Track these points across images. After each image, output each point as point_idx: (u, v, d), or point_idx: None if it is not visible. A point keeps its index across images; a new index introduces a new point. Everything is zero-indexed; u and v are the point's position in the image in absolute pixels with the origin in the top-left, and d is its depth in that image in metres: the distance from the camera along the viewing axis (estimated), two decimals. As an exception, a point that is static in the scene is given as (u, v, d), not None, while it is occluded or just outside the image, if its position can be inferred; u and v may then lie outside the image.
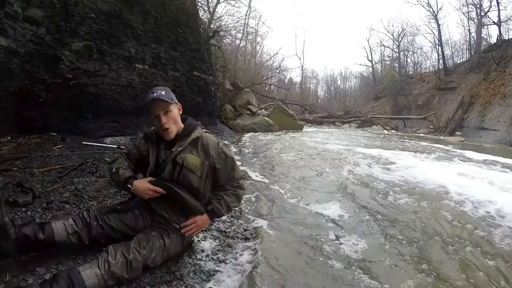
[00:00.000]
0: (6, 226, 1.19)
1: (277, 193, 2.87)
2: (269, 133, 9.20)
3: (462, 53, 19.90)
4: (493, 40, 15.35)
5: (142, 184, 1.45)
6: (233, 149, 5.63)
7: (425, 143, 8.17)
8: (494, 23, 15.03)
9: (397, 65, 25.74)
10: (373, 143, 7.67)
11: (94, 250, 1.42)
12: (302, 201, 2.67)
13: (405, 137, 10.97)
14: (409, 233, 2.05)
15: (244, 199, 2.65)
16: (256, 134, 8.80)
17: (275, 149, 5.69)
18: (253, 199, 2.69)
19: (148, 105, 1.40)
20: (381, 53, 28.76)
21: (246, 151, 5.34)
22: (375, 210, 2.49)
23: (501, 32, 14.39)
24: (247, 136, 8.06)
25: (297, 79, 35.30)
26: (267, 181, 3.27)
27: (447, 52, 20.10)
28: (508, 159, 5.30)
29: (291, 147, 6.00)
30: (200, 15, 8.86)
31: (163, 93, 1.41)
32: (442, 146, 7.55)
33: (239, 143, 6.45)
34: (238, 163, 4.22)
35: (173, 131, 1.45)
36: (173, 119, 1.44)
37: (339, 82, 38.99)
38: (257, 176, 3.45)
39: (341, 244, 1.87)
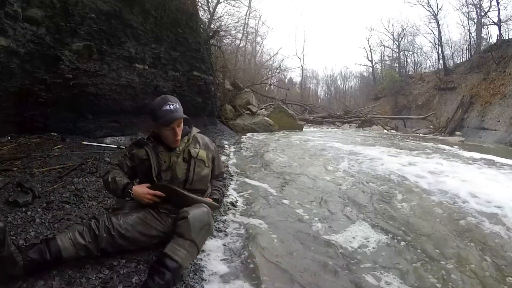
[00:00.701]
0: (13, 254, 1.17)
1: (276, 195, 2.88)
2: (269, 133, 9.19)
3: (462, 53, 19.96)
4: (493, 40, 15.38)
5: (141, 189, 1.48)
6: (232, 149, 5.64)
7: (424, 143, 8.16)
8: (494, 23, 15.06)
9: (397, 65, 25.76)
10: (373, 143, 7.67)
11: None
12: (299, 203, 2.68)
13: (405, 137, 10.96)
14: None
15: (244, 200, 2.67)
16: (256, 134, 8.79)
17: (274, 149, 5.68)
18: (252, 200, 2.70)
19: (169, 120, 1.46)
20: (381, 53, 28.87)
21: (245, 153, 5.33)
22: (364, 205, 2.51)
23: (501, 32, 14.43)
24: (247, 137, 8.05)
25: (297, 79, 35.35)
26: (266, 183, 3.26)
27: (447, 52, 20.17)
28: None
29: (290, 148, 6.00)
30: (200, 15, 8.85)
31: (178, 106, 1.50)
32: (442, 146, 7.54)
33: (239, 144, 6.44)
34: (235, 161, 4.30)
35: (179, 139, 1.57)
36: (181, 130, 1.57)
37: (339, 82, 39.08)
38: (257, 179, 3.45)
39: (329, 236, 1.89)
